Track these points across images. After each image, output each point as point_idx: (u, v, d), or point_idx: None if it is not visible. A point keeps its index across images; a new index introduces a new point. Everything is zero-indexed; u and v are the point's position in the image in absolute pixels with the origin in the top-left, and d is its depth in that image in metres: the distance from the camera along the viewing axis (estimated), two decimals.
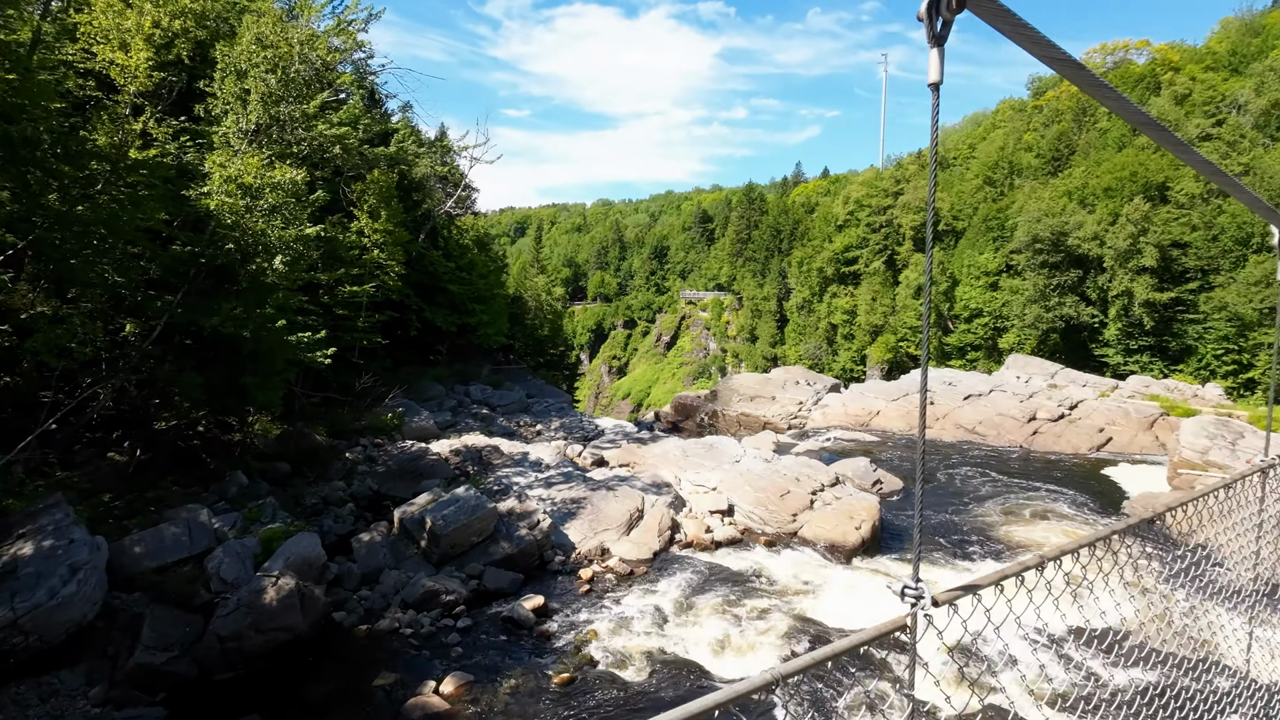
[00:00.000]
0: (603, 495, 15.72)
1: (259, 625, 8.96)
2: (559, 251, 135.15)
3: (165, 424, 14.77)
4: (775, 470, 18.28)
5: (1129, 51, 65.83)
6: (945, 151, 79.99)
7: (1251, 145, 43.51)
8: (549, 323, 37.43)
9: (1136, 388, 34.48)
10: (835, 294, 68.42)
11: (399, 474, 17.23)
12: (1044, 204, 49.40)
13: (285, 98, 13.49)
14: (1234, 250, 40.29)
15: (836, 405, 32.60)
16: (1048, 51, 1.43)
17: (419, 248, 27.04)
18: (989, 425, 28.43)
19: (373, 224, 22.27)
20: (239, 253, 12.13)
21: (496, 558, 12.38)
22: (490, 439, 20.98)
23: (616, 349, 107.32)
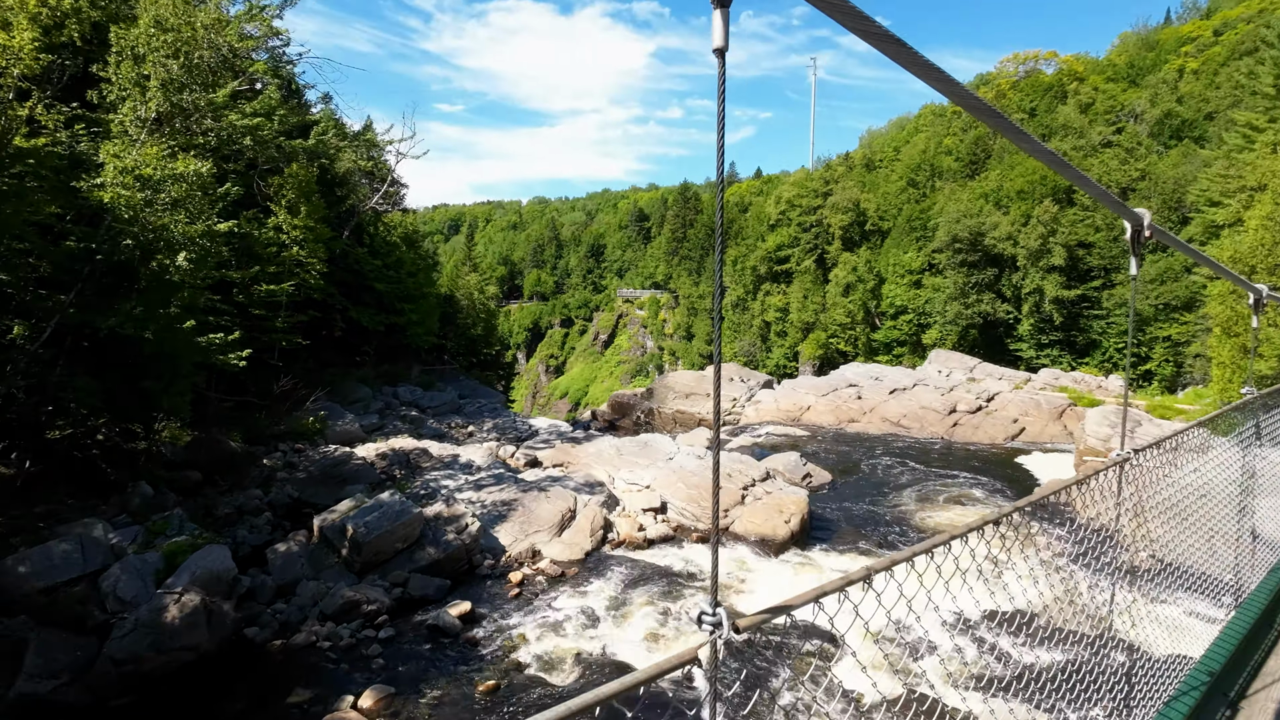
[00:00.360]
0: (534, 496, 15.51)
1: (160, 646, 8.41)
2: (494, 249, 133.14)
3: (59, 433, 13.78)
4: (707, 466, 18.44)
5: (1039, 61, 69.49)
6: (872, 154, 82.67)
7: (1147, 152, 46.55)
8: (482, 322, 36.76)
9: (1047, 380, 36.43)
10: (768, 292, 69.67)
11: (321, 480, 16.57)
12: (962, 205, 51.63)
13: (190, 85, 12.70)
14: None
15: (769, 401, 33.21)
16: (861, 24, 1.36)
17: (343, 245, 26.09)
18: (912, 418, 29.49)
19: (291, 220, 21.34)
20: (138, 249, 11.36)
21: (422, 564, 12.04)
22: (419, 441, 20.43)
23: (554, 348, 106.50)
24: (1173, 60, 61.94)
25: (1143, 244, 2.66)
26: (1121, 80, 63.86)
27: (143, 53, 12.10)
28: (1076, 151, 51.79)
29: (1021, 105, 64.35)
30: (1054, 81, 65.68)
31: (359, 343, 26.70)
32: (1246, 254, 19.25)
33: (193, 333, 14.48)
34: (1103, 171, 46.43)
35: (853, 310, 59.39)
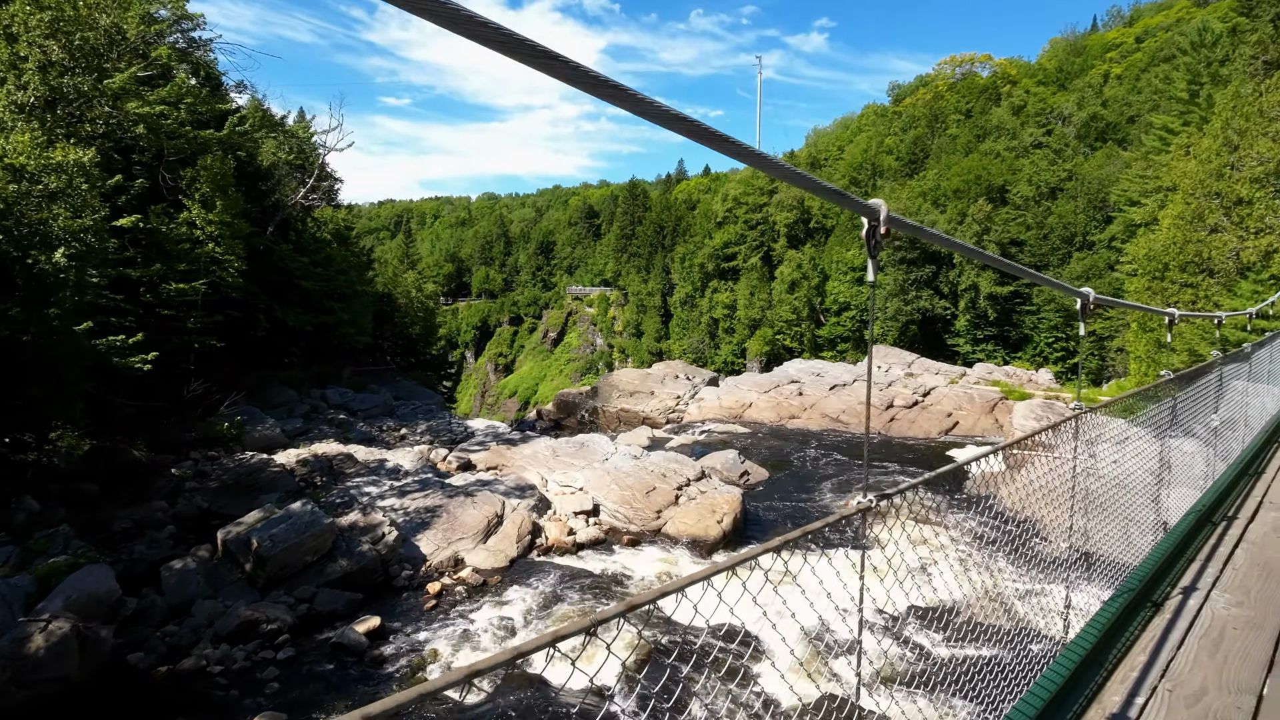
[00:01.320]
0: (460, 502, 15.01)
1: (21, 679, 7.70)
2: (441, 246, 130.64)
3: None
4: (642, 467, 18.21)
5: (974, 64, 71.51)
6: (817, 152, 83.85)
7: (1074, 153, 48.30)
8: (421, 321, 35.75)
9: (981, 374, 37.41)
10: (716, 289, 70.01)
11: (234, 489, 15.72)
12: (902, 203, 52.70)
13: (73, 68, 11.76)
14: (1061, 248, 44.65)
15: (712, 399, 33.23)
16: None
17: (266, 241, 24.96)
18: (851, 413, 29.88)
19: (206, 214, 20.26)
20: (11, 245, 10.45)
21: (333, 577, 11.45)
22: (345, 446, 19.65)
23: (503, 346, 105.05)
24: (1098, 65, 64.54)
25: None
26: (1051, 84, 66.21)
27: (17, 32, 11.14)
28: (1009, 152, 53.50)
29: (958, 106, 66.15)
30: (989, 84, 67.71)
31: (286, 343, 25.59)
32: (1160, 252, 19.98)
33: (84, 335, 13.52)
34: (1033, 172, 48.02)
35: (798, 307, 60.08)
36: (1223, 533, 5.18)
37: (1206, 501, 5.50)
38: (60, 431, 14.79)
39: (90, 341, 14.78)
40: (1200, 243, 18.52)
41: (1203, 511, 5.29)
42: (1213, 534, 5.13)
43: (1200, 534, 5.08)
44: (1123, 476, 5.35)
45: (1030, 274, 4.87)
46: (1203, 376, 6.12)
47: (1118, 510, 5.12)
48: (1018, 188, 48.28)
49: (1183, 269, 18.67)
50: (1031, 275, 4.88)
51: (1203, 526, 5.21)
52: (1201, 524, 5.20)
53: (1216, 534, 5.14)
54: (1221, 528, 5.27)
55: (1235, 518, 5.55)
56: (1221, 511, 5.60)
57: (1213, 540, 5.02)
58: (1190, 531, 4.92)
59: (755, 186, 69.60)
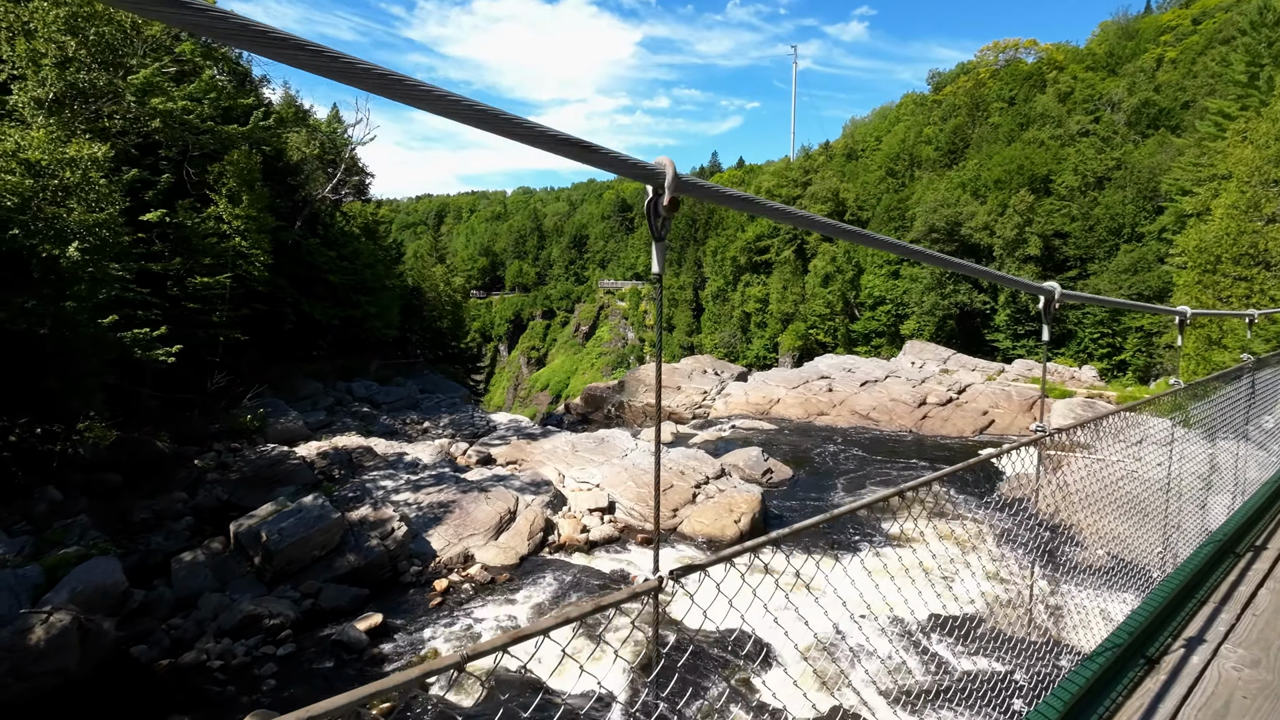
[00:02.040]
0: (474, 497, 14.89)
1: (20, 670, 7.75)
2: (476, 240, 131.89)
3: None
4: (662, 464, 17.87)
5: (1018, 50, 69.13)
6: (854, 143, 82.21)
7: (1123, 141, 46.29)
8: (449, 314, 35.92)
9: (1020, 371, 36.17)
10: (748, 283, 69.14)
11: (254, 481, 15.86)
12: (940, 195, 51.26)
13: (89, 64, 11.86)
14: (1108, 240, 42.83)
15: (739, 394, 32.71)
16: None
17: (294, 235, 25.23)
18: (882, 410, 29.09)
19: (232, 209, 20.51)
20: (27, 239, 10.58)
21: (341, 572, 11.40)
22: (366, 439, 19.74)
23: (535, 339, 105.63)
24: (1152, 49, 61.81)
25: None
26: (1100, 69, 63.61)
27: (34, 28, 11.27)
28: (1054, 141, 51.51)
29: (1000, 94, 63.99)
30: (1033, 70, 65.33)
31: (313, 337, 25.88)
32: (1211, 243, 18.83)
33: (108, 328, 13.72)
34: (1079, 161, 46.15)
35: (832, 301, 58.95)
36: (1246, 567, 4.39)
37: (1230, 528, 4.73)
38: (87, 422, 15.09)
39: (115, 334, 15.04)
40: (1256, 233, 17.39)
41: (1223, 541, 4.52)
42: (1234, 568, 4.35)
43: (1218, 569, 4.30)
44: (1135, 494, 4.88)
45: (1127, 305, 4.57)
46: (1227, 384, 5.41)
47: (1151, 521, 4.62)
48: (1062, 177, 46.46)
49: (1236, 261, 17.56)
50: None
51: (1223, 559, 4.43)
52: (1221, 556, 4.43)
53: (1238, 568, 4.36)
54: (1246, 560, 4.47)
55: (1264, 548, 4.69)
56: (1247, 541, 4.75)
57: (1232, 576, 4.24)
58: (1205, 566, 4.19)
59: (789, 178, 68.55)
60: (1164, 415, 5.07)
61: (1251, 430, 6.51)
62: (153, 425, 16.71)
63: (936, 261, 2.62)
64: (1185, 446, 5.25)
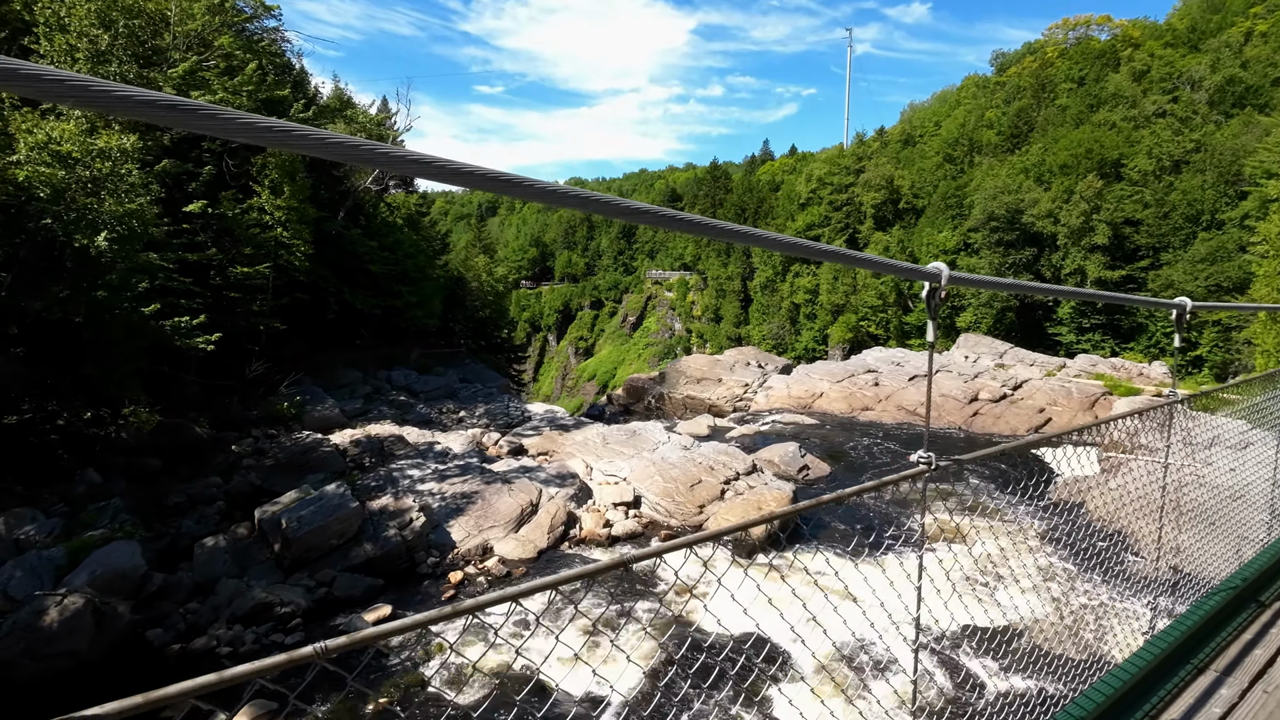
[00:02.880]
0: (497, 489, 14.79)
1: (34, 651, 7.93)
2: (527, 231, 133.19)
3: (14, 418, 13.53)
4: (690, 458, 17.48)
5: (1090, 27, 65.38)
6: (912, 128, 79.52)
7: (1204, 122, 43.25)
8: (491, 304, 36.17)
9: (1083, 366, 34.25)
10: (798, 273, 67.73)
11: (287, 468, 16.14)
12: (1001, 181, 48.97)
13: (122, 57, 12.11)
14: (1185, 227, 40.14)
15: (781, 388, 31.94)
16: None
17: (337, 226, 25.67)
18: (931, 406, 27.90)
19: (274, 200, 20.91)
20: (60, 229, 10.87)
21: (357, 561, 11.42)
22: (400, 428, 19.92)
23: (583, 330, 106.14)
24: (1240, 23, 57.52)
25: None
26: (1181, 45, 59.61)
27: (69, 23, 11.56)
28: (1126, 123, 48.51)
29: (1070, 74, 60.71)
30: (1106, 48, 61.69)
31: (354, 326, 26.32)
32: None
33: (147, 317, 14.08)
34: (1153, 143, 43.35)
35: (884, 292, 57.16)
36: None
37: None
38: (132, 408, 15.59)
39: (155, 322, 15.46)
40: None
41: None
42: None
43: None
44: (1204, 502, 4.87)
45: (1115, 297, 4.29)
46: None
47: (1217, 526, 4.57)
48: (1135, 161, 43.70)
49: None
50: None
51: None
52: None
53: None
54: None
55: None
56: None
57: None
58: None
59: (841, 166, 66.65)
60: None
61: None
62: (194, 411, 17.18)
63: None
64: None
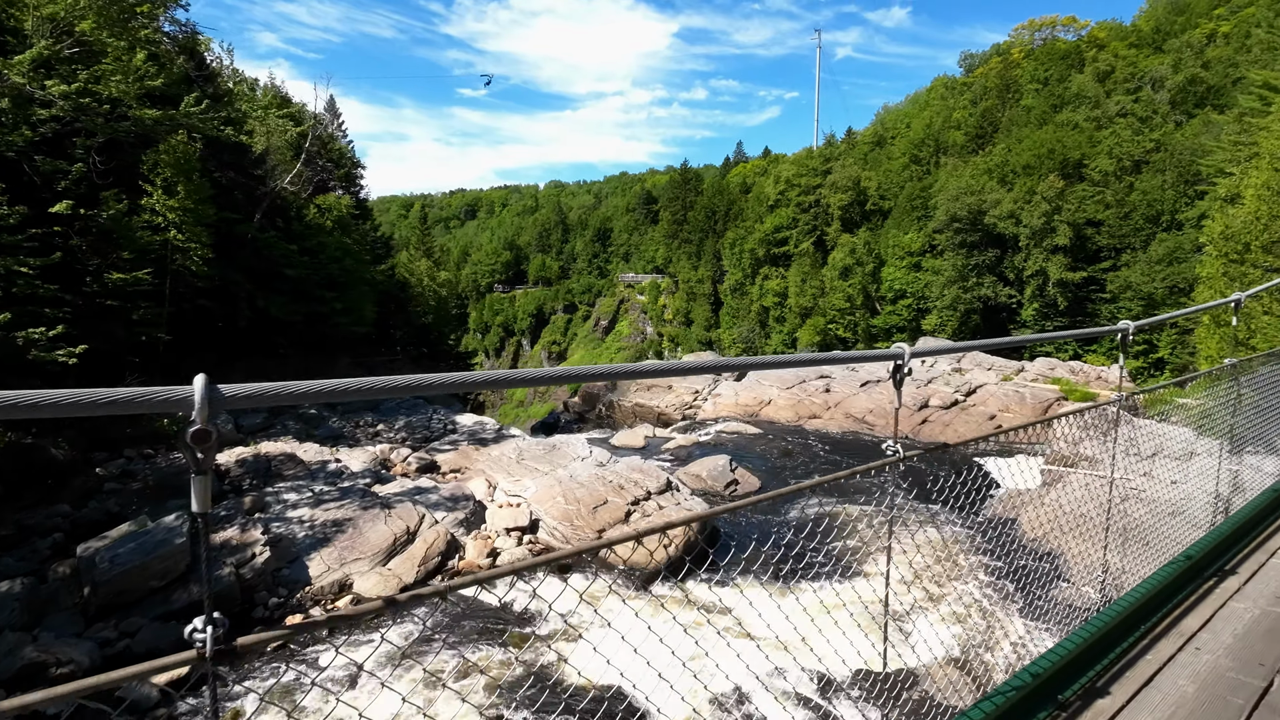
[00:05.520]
0: (374, 515, 13.51)
1: None
2: (501, 234, 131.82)
3: None
4: (601, 477, 16.27)
5: (1055, 28, 65.17)
6: (884, 130, 79.06)
7: (1164, 121, 42.82)
8: (434, 310, 34.80)
9: (1041, 370, 33.48)
10: (766, 276, 66.85)
11: (155, 492, 14.79)
12: (964, 182, 48.31)
13: None
14: (1145, 228, 39.60)
15: (729, 395, 30.87)
16: None
17: (252, 229, 24.26)
18: (879, 414, 26.96)
19: (167, 200, 19.52)
20: None
21: (178, 606, 10.11)
22: (300, 444, 18.57)
23: (557, 334, 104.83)
24: (1203, 24, 57.43)
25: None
26: (1146, 47, 59.46)
27: None
28: (1089, 123, 48.00)
29: (1035, 75, 60.33)
30: (1071, 49, 61.41)
31: (272, 334, 24.90)
32: (1240, 230, 16.36)
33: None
34: (1114, 143, 42.84)
35: (852, 294, 56.35)
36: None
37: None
38: None
39: (6, 334, 14.06)
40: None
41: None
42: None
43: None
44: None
45: (1059, 336, 4.36)
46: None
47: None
48: (1097, 162, 43.17)
49: (1267, 249, 15.12)
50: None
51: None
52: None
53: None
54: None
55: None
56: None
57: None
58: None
59: (809, 167, 65.91)
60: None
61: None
62: (56, 430, 15.73)
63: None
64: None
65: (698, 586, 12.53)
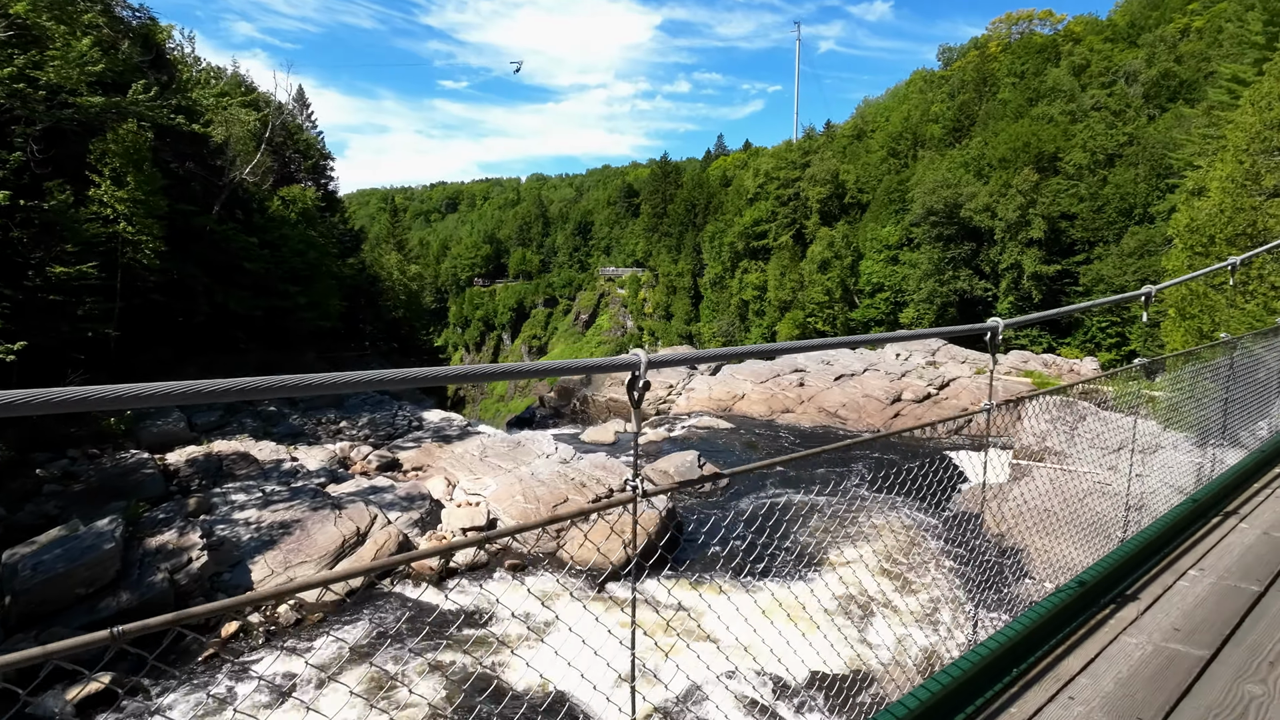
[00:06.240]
0: (323, 516, 13.09)
1: None
2: (481, 227, 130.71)
3: None
4: (563, 474, 15.97)
5: (1032, 22, 65.41)
6: (864, 123, 78.95)
7: (1137, 115, 43.05)
8: (404, 304, 34.21)
9: (1014, 363, 33.59)
10: (746, 269, 66.71)
11: (96, 494, 14.23)
12: (941, 175, 48.34)
13: None
14: (1118, 221, 39.82)
15: (703, 389, 30.64)
16: None
17: (210, 221, 23.59)
18: (852, 408, 26.84)
19: (116, 191, 18.86)
20: None
21: (106, 614, 9.67)
22: (256, 443, 18.06)
23: (537, 328, 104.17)
24: (1177, 19, 57.83)
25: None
26: (1121, 41, 59.80)
27: None
28: (1064, 117, 48.21)
29: (1012, 68, 60.52)
30: (1047, 43, 61.69)
31: (232, 329, 24.26)
32: (1205, 222, 16.32)
33: None
34: (1088, 137, 43.03)
35: (830, 288, 56.29)
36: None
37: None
38: None
39: None
40: (1254, 210, 14.92)
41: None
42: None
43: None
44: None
45: (930, 333, 3.83)
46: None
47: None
48: (1070, 155, 43.35)
49: (1231, 242, 15.11)
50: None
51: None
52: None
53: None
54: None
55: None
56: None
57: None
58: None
59: (788, 160, 65.76)
60: None
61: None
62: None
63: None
64: None
65: (657, 588, 12.26)
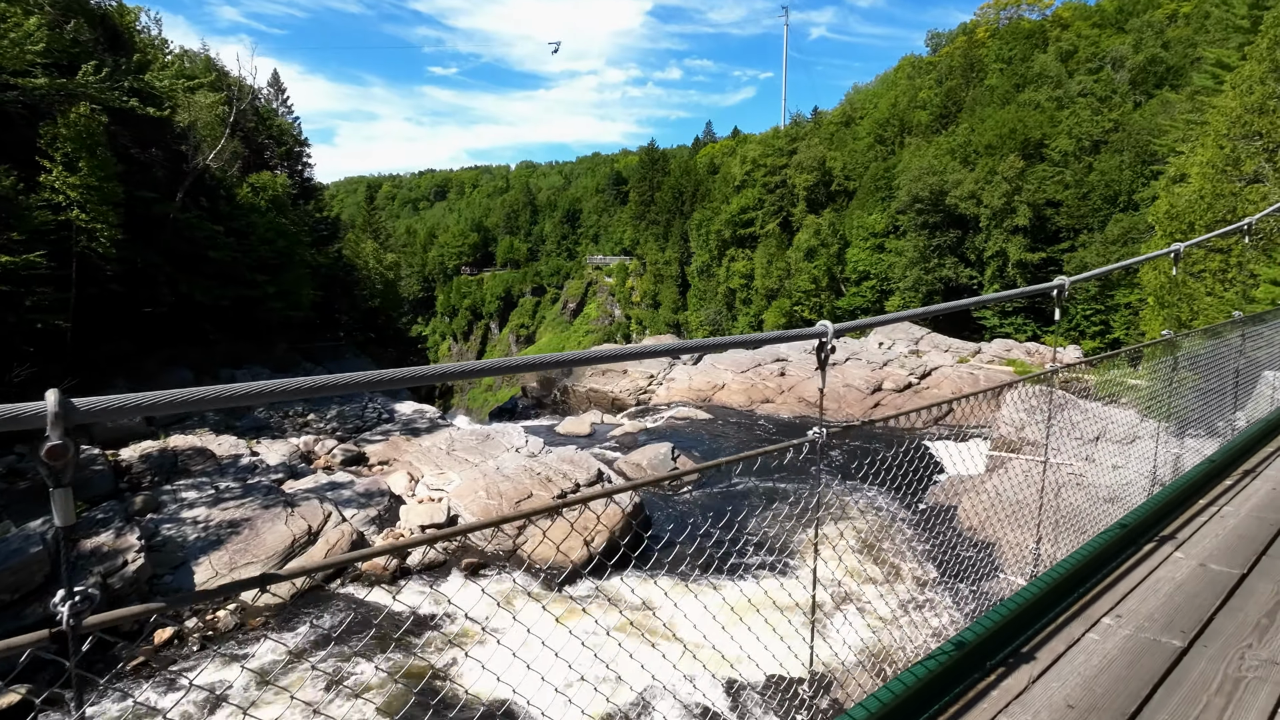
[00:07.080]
0: (275, 514, 12.65)
1: None
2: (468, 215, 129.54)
3: None
4: (528, 469, 15.56)
5: (1021, 7, 64.90)
6: (853, 110, 78.37)
7: (1123, 101, 42.73)
8: (381, 294, 33.59)
9: (997, 352, 33.40)
10: (733, 257, 66.20)
11: (41, 492, 13.70)
12: (926, 162, 47.94)
13: None
14: (1103, 208, 39.57)
15: (683, 379, 30.27)
16: None
17: (173, 208, 22.92)
18: (831, 398, 26.52)
19: (68, 177, 18.20)
20: None
21: (32, 620, 9.21)
22: (216, 437, 17.56)
23: (525, 317, 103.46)
24: (1165, 4, 57.48)
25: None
26: (1109, 26, 59.42)
27: None
28: (1051, 103, 47.83)
29: (999, 54, 60.04)
30: (1035, 28, 61.22)
31: (198, 320, 23.64)
32: (1185, 209, 16.00)
33: None
34: (1073, 123, 42.69)
35: (817, 276, 55.94)
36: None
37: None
38: None
39: None
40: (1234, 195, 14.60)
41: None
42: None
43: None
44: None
45: (859, 324, 3.36)
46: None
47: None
48: (1056, 141, 43.03)
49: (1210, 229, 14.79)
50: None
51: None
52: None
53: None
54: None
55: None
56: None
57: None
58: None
59: (775, 147, 65.14)
60: None
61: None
62: None
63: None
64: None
65: (620, 587, 11.91)
